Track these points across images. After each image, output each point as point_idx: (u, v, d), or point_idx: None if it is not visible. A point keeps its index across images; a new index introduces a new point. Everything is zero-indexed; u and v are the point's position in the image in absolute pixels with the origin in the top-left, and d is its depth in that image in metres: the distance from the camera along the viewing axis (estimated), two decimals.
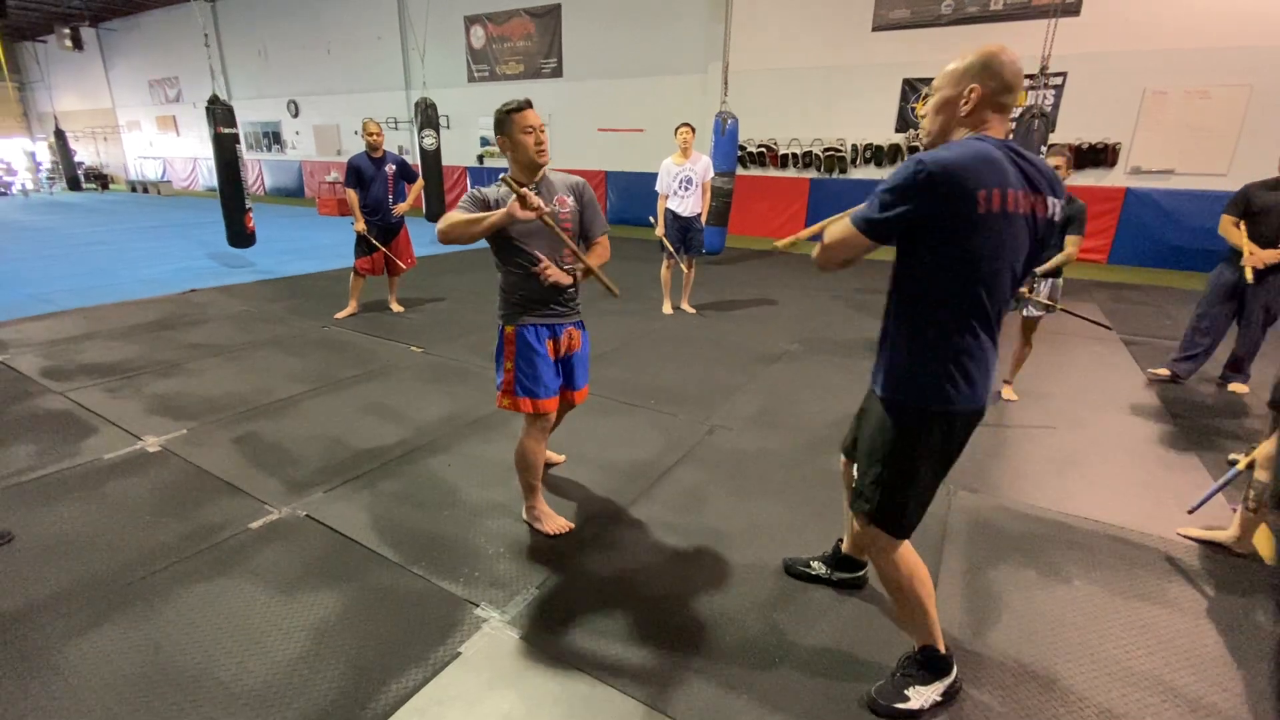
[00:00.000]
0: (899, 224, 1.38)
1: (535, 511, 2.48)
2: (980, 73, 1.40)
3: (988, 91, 1.40)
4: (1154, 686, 1.79)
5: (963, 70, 1.42)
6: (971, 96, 1.41)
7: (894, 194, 1.36)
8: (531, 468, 2.39)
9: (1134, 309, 6.27)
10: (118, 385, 3.91)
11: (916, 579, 1.63)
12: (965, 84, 1.41)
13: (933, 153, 1.35)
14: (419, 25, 12.84)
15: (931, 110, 1.49)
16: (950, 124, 1.46)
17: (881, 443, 1.54)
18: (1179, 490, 2.85)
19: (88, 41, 19.49)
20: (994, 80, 1.39)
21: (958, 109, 1.43)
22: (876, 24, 9.29)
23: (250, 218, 7.14)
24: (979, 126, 1.43)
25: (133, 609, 2.01)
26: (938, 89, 1.47)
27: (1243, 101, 7.45)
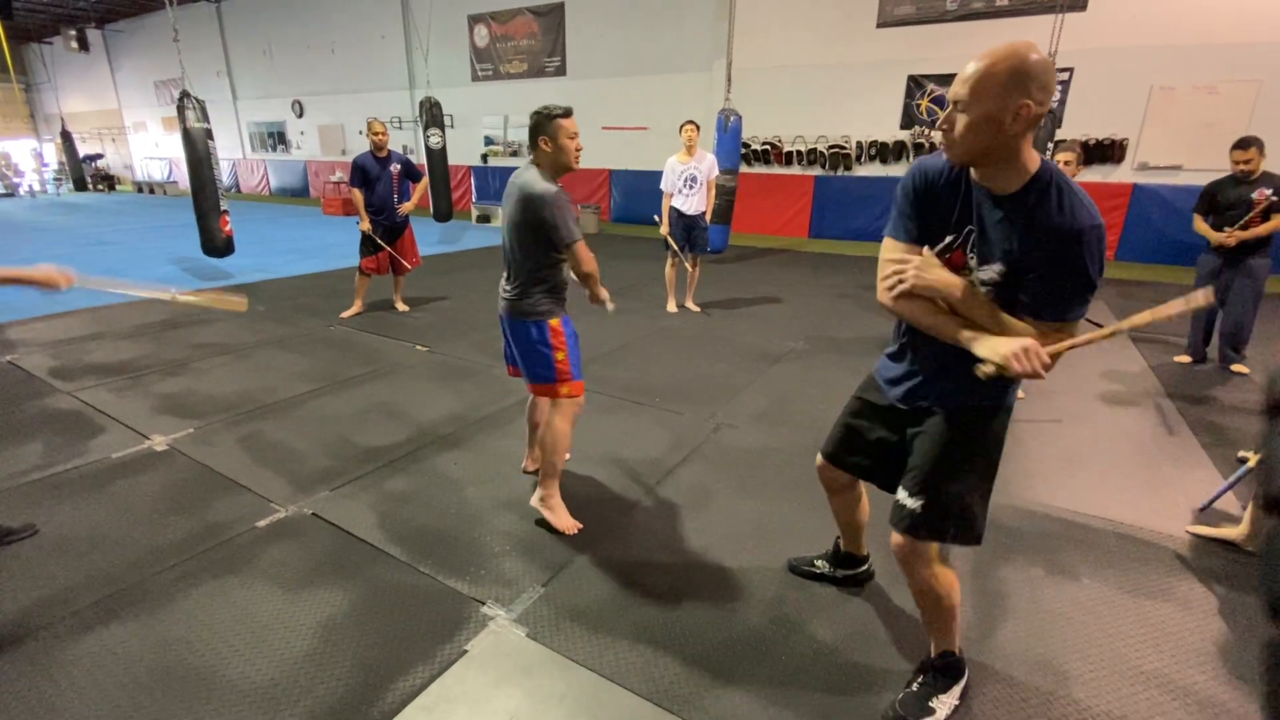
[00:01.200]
0: None
1: (553, 501, 2.48)
2: (1027, 83, 1.21)
3: (1035, 106, 1.21)
4: (1164, 685, 1.78)
5: (1004, 81, 1.21)
6: (1022, 114, 1.22)
7: (1091, 269, 1.27)
8: (565, 450, 2.47)
9: (1142, 305, 6.21)
10: (125, 385, 3.93)
11: (954, 588, 1.61)
12: (1011, 100, 1.21)
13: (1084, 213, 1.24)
14: (423, 24, 12.85)
15: (967, 130, 1.27)
16: (995, 145, 1.27)
17: (964, 454, 1.49)
18: (1187, 487, 2.84)
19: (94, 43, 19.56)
20: (1043, 93, 1.22)
21: (1003, 129, 1.24)
22: (881, 20, 9.26)
23: (226, 220, 6.34)
24: (1024, 144, 1.28)
25: (141, 607, 2.02)
26: (973, 100, 1.25)
27: (1251, 97, 7.39)
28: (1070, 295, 1.30)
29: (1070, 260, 1.26)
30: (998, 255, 1.34)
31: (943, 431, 1.51)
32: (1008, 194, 1.32)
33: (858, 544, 2.11)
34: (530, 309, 2.33)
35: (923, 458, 1.53)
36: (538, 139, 2.24)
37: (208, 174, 6.20)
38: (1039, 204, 1.27)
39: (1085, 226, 1.23)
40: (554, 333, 2.34)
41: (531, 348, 2.36)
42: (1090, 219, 1.24)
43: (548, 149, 2.24)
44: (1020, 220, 1.29)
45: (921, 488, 1.52)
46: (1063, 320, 1.32)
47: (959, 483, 1.51)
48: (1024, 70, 1.21)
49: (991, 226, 1.34)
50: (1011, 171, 1.30)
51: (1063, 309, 1.31)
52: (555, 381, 2.38)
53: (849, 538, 2.10)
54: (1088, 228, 1.23)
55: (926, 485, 1.52)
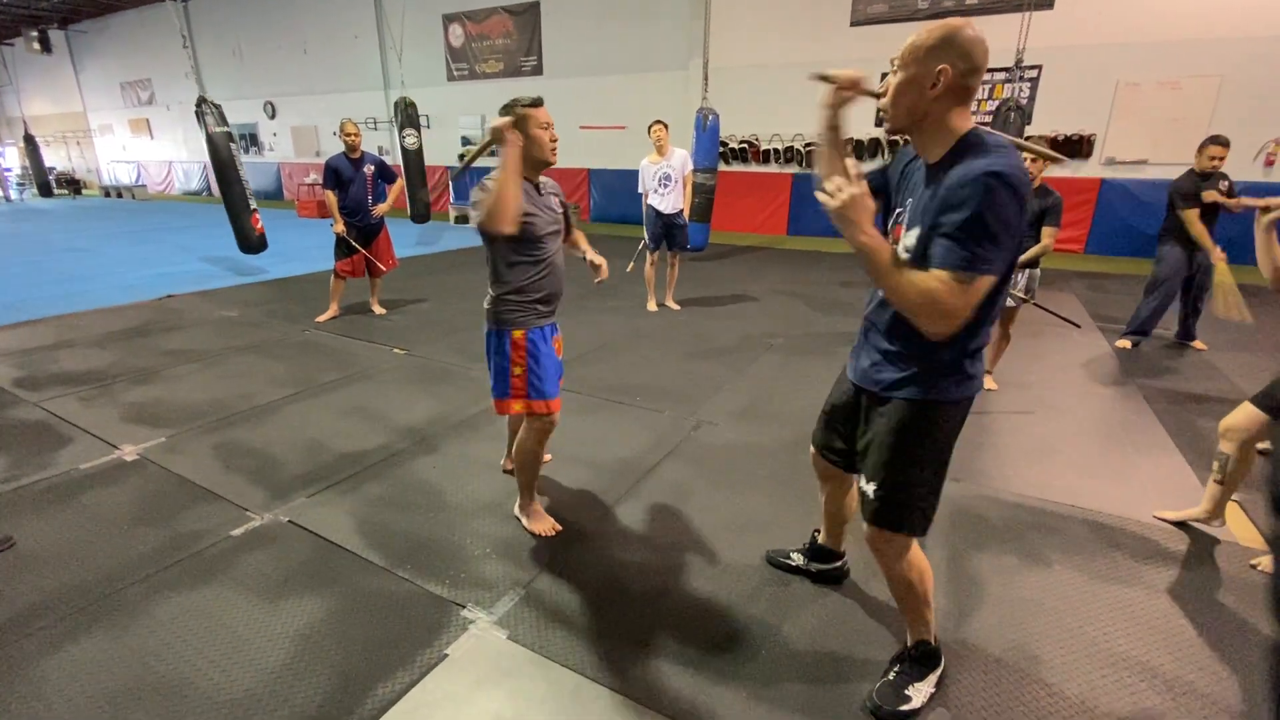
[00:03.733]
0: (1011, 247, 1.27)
1: (530, 509, 2.48)
2: (948, 50, 1.27)
3: (957, 73, 1.27)
4: (1133, 667, 1.82)
5: (929, 47, 1.29)
6: (941, 79, 1.28)
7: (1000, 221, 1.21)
8: (536, 468, 2.42)
9: (1111, 298, 6.38)
10: (93, 394, 3.84)
11: (926, 576, 1.64)
12: (933, 63, 1.28)
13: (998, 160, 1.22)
14: (396, 24, 12.71)
15: (894, 92, 1.35)
16: (918, 108, 1.33)
17: (913, 445, 1.49)
18: (1154, 473, 2.91)
19: (56, 44, 19.07)
20: (964, 60, 1.27)
21: (925, 92, 1.30)
22: (855, 19, 9.35)
23: (257, 219, 6.55)
24: (951, 114, 1.32)
25: (113, 620, 1.98)
26: (902, 65, 1.33)
27: (1213, 92, 7.59)
28: (967, 242, 1.22)
29: (966, 205, 1.21)
30: (916, 219, 1.36)
31: (894, 420, 1.50)
32: (935, 162, 1.35)
33: (837, 539, 2.13)
34: (498, 316, 2.22)
35: (877, 446, 1.54)
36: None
37: (234, 175, 6.30)
38: (954, 162, 1.28)
39: (981, 171, 1.21)
40: (515, 346, 2.20)
41: (491, 357, 2.27)
42: (990, 166, 1.21)
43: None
44: (937, 182, 1.30)
45: (875, 476, 1.55)
46: (957, 269, 1.23)
47: (908, 473, 1.51)
48: (947, 38, 1.28)
49: (920, 194, 1.37)
50: (939, 140, 1.35)
51: (958, 258, 1.23)
52: (507, 397, 2.26)
53: (831, 531, 2.11)
54: (983, 172, 1.20)
55: (880, 474, 1.54)
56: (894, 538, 1.58)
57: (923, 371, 1.45)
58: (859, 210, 1.29)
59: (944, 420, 1.48)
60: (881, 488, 1.54)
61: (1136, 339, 4.78)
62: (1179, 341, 4.88)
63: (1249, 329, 5.15)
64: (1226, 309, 3.79)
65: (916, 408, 1.47)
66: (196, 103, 6.25)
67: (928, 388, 1.45)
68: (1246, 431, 2.27)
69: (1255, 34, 7.28)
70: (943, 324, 1.29)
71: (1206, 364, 4.41)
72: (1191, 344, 4.81)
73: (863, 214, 1.30)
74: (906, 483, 1.52)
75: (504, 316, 2.21)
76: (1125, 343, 4.79)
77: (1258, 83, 7.35)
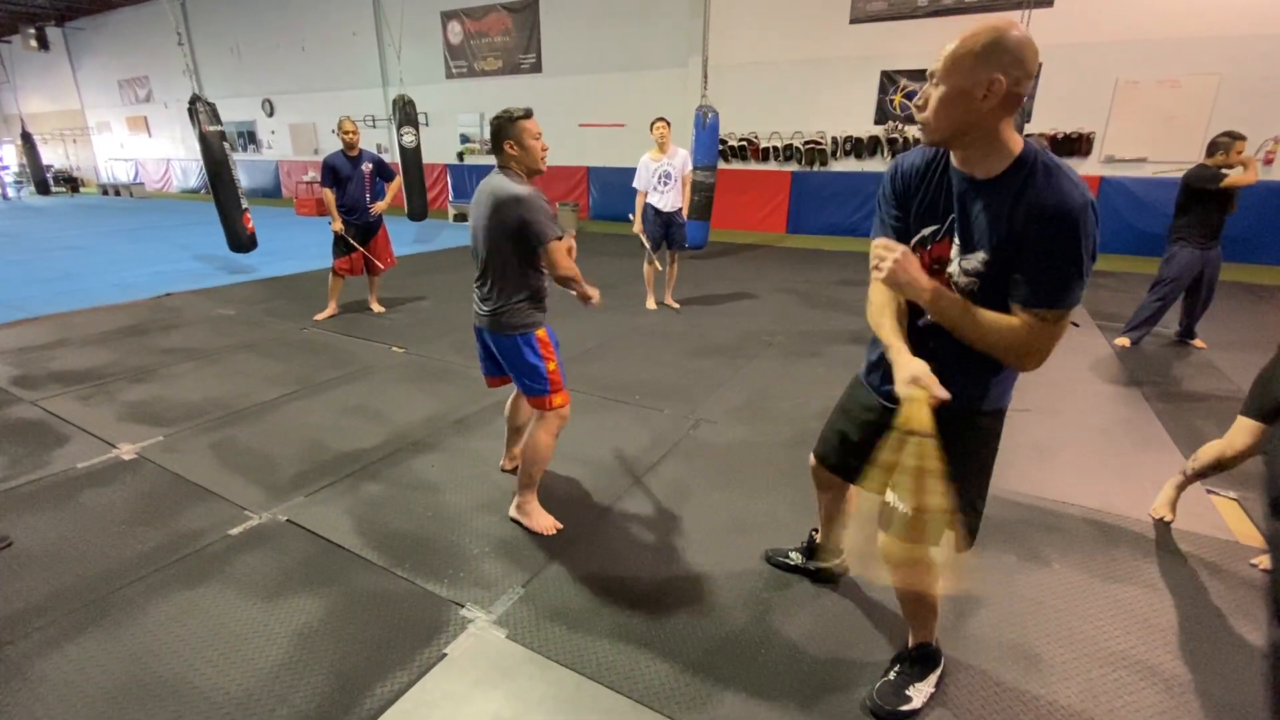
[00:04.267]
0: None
1: (529, 507, 2.48)
2: (1000, 58, 1.16)
3: (1010, 81, 1.16)
4: (1131, 665, 1.82)
5: (977, 55, 1.17)
6: (994, 90, 1.17)
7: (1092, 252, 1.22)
8: (546, 463, 2.46)
9: (1110, 295, 6.37)
10: (91, 392, 3.83)
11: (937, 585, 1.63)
12: (983, 74, 1.17)
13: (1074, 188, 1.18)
14: (394, 21, 12.67)
15: (938, 106, 1.23)
16: (967, 122, 1.22)
17: (988, 456, 1.50)
18: (1153, 471, 2.91)
19: (54, 41, 18.99)
20: (1016, 68, 1.16)
21: (976, 104, 1.19)
22: (854, 16, 9.33)
23: (249, 218, 6.57)
24: (1003, 126, 1.22)
25: (110, 620, 1.97)
26: (945, 74, 1.22)
27: (1212, 90, 7.58)
28: (1063, 279, 1.21)
29: (1063, 241, 1.18)
30: (982, 243, 1.28)
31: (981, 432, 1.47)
32: (990, 178, 1.26)
33: (836, 539, 2.12)
34: (515, 322, 2.27)
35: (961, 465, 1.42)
36: (502, 144, 2.21)
37: (227, 174, 6.37)
38: (1028, 185, 1.21)
39: (1078, 204, 1.17)
40: (542, 344, 2.33)
41: (522, 361, 2.32)
42: (1082, 197, 1.18)
43: (514, 152, 2.21)
44: (1007, 204, 1.23)
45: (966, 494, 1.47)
46: (1054, 306, 1.22)
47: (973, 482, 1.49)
48: (998, 44, 1.17)
49: (976, 213, 1.29)
50: (992, 154, 1.25)
51: (1055, 294, 1.22)
52: (550, 392, 2.36)
53: (829, 534, 2.11)
54: (1079, 205, 1.17)
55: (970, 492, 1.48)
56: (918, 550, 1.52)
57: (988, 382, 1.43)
58: (909, 269, 1.31)
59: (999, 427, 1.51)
60: (973, 506, 1.49)
61: (1137, 336, 4.77)
62: (1179, 339, 4.87)
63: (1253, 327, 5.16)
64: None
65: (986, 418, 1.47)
66: (190, 101, 6.25)
67: (993, 397, 1.46)
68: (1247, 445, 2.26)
69: (1255, 32, 7.27)
70: (1038, 360, 1.28)
71: (1206, 363, 4.41)
72: (1191, 342, 4.80)
73: (914, 271, 1.32)
74: (974, 503, 1.50)
75: (527, 320, 2.30)
76: (1124, 340, 4.79)
77: (1257, 81, 7.34)
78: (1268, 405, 2.18)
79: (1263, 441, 2.22)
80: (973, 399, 1.44)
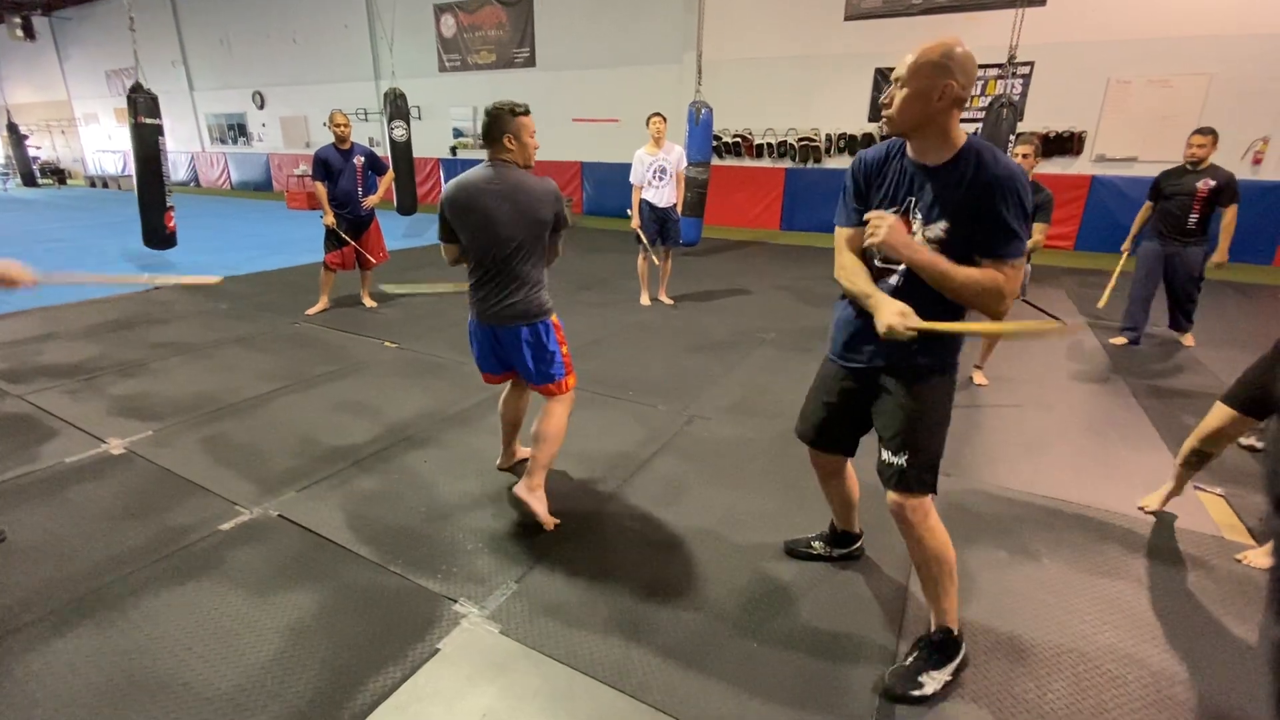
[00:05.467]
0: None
1: (542, 491, 2.42)
2: (951, 68, 1.47)
3: (959, 86, 1.48)
4: (1120, 659, 1.84)
5: (934, 65, 1.48)
6: (946, 93, 1.48)
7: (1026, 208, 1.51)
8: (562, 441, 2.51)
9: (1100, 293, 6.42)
10: (79, 387, 3.80)
11: (950, 546, 1.71)
12: (939, 79, 1.48)
13: (1011, 162, 1.50)
14: (387, 13, 12.58)
15: (903, 102, 1.53)
16: (925, 116, 1.52)
17: (940, 409, 1.68)
18: (1141, 467, 2.94)
19: (40, 31, 18.75)
20: (963, 74, 1.48)
21: (931, 103, 1.50)
22: (849, 13, 9.34)
23: (171, 216, 6.45)
24: (953, 121, 1.53)
25: (99, 616, 1.96)
26: (908, 81, 1.51)
27: (1202, 90, 7.64)
28: (1016, 233, 1.50)
29: (1012, 202, 1.48)
30: (943, 214, 1.55)
31: (909, 391, 1.67)
32: (940, 164, 1.55)
33: (851, 522, 2.20)
34: (538, 309, 2.34)
35: (896, 418, 1.68)
36: (501, 137, 2.20)
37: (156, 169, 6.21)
38: (979, 164, 1.50)
39: (1018, 174, 1.49)
40: (558, 329, 2.43)
41: (543, 349, 2.37)
42: (1019, 169, 1.50)
43: (513, 146, 2.21)
44: (958, 181, 1.52)
45: (903, 445, 1.66)
46: (1014, 255, 1.51)
47: (931, 436, 1.67)
48: (950, 56, 1.48)
49: (931, 193, 1.56)
50: (943, 144, 1.54)
51: (1013, 245, 1.50)
52: (565, 375, 2.44)
53: (842, 517, 2.19)
54: (1019, 174, 1.49)
55: (906, 443, 1.66)
56: (922, 501, 1.67)
57: (939, 344, 1.62)
58: (901, 234, 1.55)
59: (949, 382, 1.70)
60: (916, 456, 1.66)
61: (1129, 335, 4.81)
62: (1171, 332, 4.90)
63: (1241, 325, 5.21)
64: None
65: (940, 376, 1.67)
66: (130, 90, 6.07)
67: (946, 358, 1.67)
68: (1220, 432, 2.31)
69: (1245, 32, 7.33)
70: (1006, 304, 1.53)
71: (1194, 360, 4.45)
72: (1181, 337, 4.82)
73: (905, 235, 1.56)
74: (936, 446, 1.68)
75: (547, 306, 2.38)
76: (1120, 339, 4.82)
77: (1247, 81, 7.41)
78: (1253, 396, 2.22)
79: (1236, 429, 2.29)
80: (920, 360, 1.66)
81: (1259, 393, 2.20)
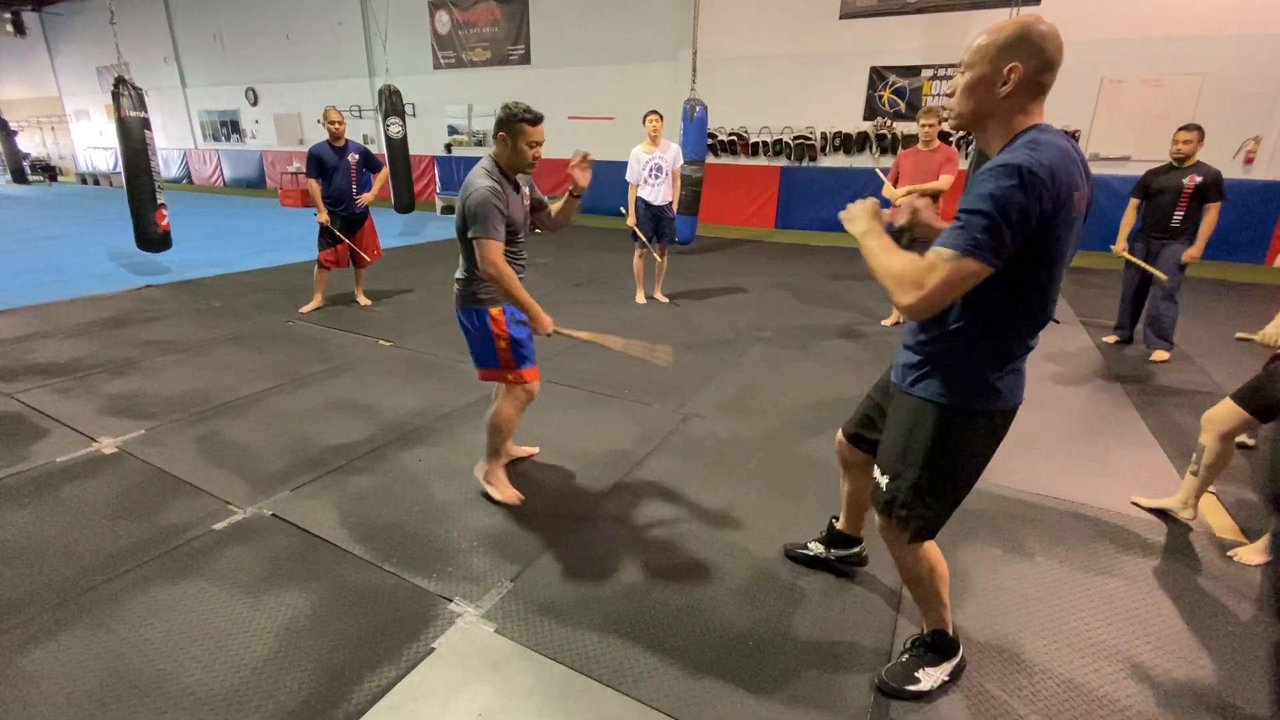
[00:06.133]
0: (1012, 239, 1.20)
1: (494, 476, 2.61)
2: (1020, 48, 1.24)
3: (1029, 70, 1.25)
4: (1113, 656, 1.85)
5: (1000, 45, 1.26)
6: (1011, 77, 1.25)
7: (1002, 209, 1.18)
8: (509, 434, 2.57)
9: (1092, 292, 6.46)
10: (70, 385, 3.77)
11: (936, 572, 1.63)
12: (1004, 62, 1.26)
13: (1027, 155, 1.19)
14: (381, 10, 12.51)
15: (963, 91, 1.33)
16: (987, 107, 1.31)
17: (924, 446, 1.47)
18: (1134, 465, 2.96)
19: (30, 26, 18.58)
20: (1035, 57, 1.24)
21: (995, 90, 1.28)
22: (844, 11, 9.34)
23: (163, 215, 6.27)
24: (1022, 113, 1.29)
25: (92, 616, 1.95)
26: (970, 66, 1.30)
27: (1195, 89, 7.68)
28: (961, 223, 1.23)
29: (976, 187, 1.22)
30: None
31: (904, 416, 1.52)
32: (991, 158, 1.29)
33: (857, 525, 2.13)
34: (471, 296, 2.39)
35: (891, 439, 1.57)
36: (499, 132, 2.26)
37: (144, 165, 6.06)
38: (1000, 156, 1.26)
39: (1006, 162, 1.19)
40: (494, 320, 2.38)
41: (473, 334, 2.44)
42: (1018, 159, 1.18)
43: (504, 146, 2.27)
44: None
45: (887, 469, 1.57)
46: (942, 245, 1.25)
47: (915, 473, 1.49)
48: (1021, 35, 1.25)
49: None
50: (1000, 136, 1.32)
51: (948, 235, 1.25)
52: (499, 367, 2.46)
53: (851, 517, 2.12)
54: (1006, 163, 1.19)
55: (887, 466, 1.57)
56: (902, 533, 1.58)
57: (941, 372, 1.43)
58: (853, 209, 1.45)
59: (959, 428, 1.44)
60: (892, 481, 1.55)
61: (1120, 334, 4.82)
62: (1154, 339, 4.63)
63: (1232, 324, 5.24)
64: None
65: (933, 409, 1.45)
66: (114, 83, 5.94)
67: (944, 390, 1.43)
68: (1226, 424, 2.31)
69: (1237, 32, 7.36)
70: (909, 294, 1.27)
71: (1186, 359, 4.47)
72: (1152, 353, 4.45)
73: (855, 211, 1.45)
74: (913, 483, 1.50)
75: (481, 295, 2.37)
76: (1112, 338, 4.86)
77: (1239, 81, 7.45)
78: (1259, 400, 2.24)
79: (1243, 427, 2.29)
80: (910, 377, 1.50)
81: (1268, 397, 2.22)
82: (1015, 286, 1.30)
